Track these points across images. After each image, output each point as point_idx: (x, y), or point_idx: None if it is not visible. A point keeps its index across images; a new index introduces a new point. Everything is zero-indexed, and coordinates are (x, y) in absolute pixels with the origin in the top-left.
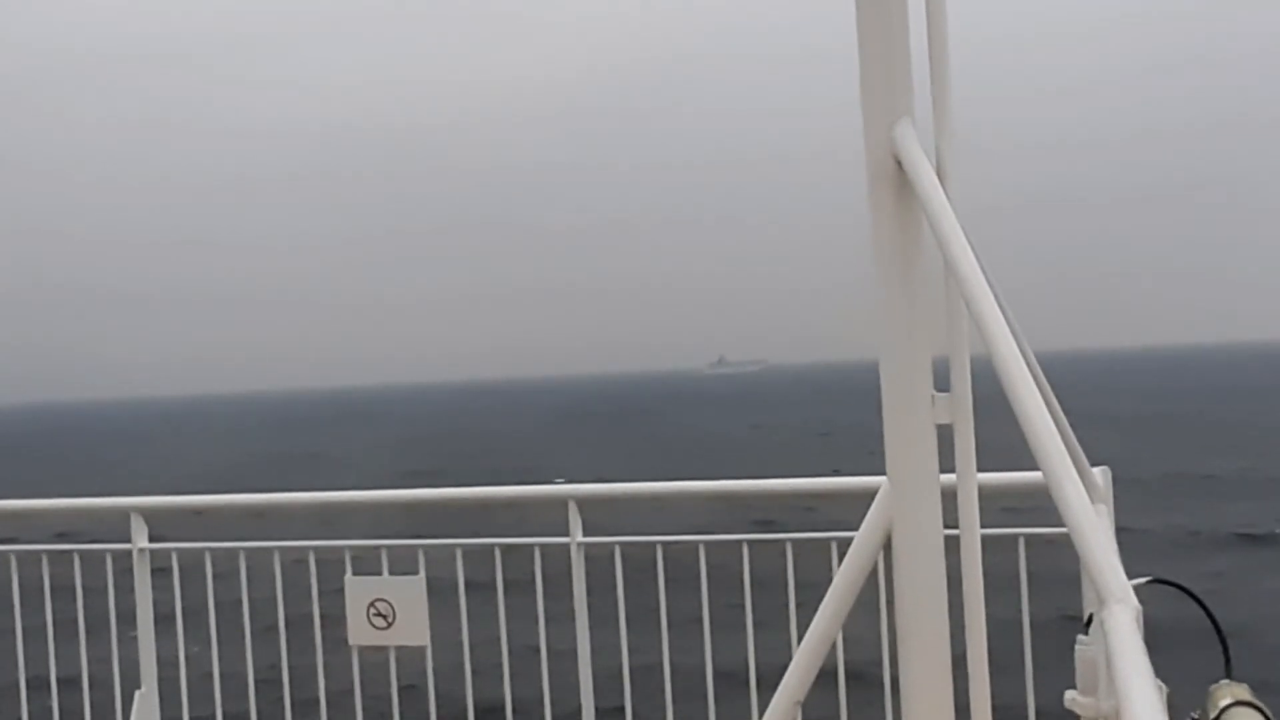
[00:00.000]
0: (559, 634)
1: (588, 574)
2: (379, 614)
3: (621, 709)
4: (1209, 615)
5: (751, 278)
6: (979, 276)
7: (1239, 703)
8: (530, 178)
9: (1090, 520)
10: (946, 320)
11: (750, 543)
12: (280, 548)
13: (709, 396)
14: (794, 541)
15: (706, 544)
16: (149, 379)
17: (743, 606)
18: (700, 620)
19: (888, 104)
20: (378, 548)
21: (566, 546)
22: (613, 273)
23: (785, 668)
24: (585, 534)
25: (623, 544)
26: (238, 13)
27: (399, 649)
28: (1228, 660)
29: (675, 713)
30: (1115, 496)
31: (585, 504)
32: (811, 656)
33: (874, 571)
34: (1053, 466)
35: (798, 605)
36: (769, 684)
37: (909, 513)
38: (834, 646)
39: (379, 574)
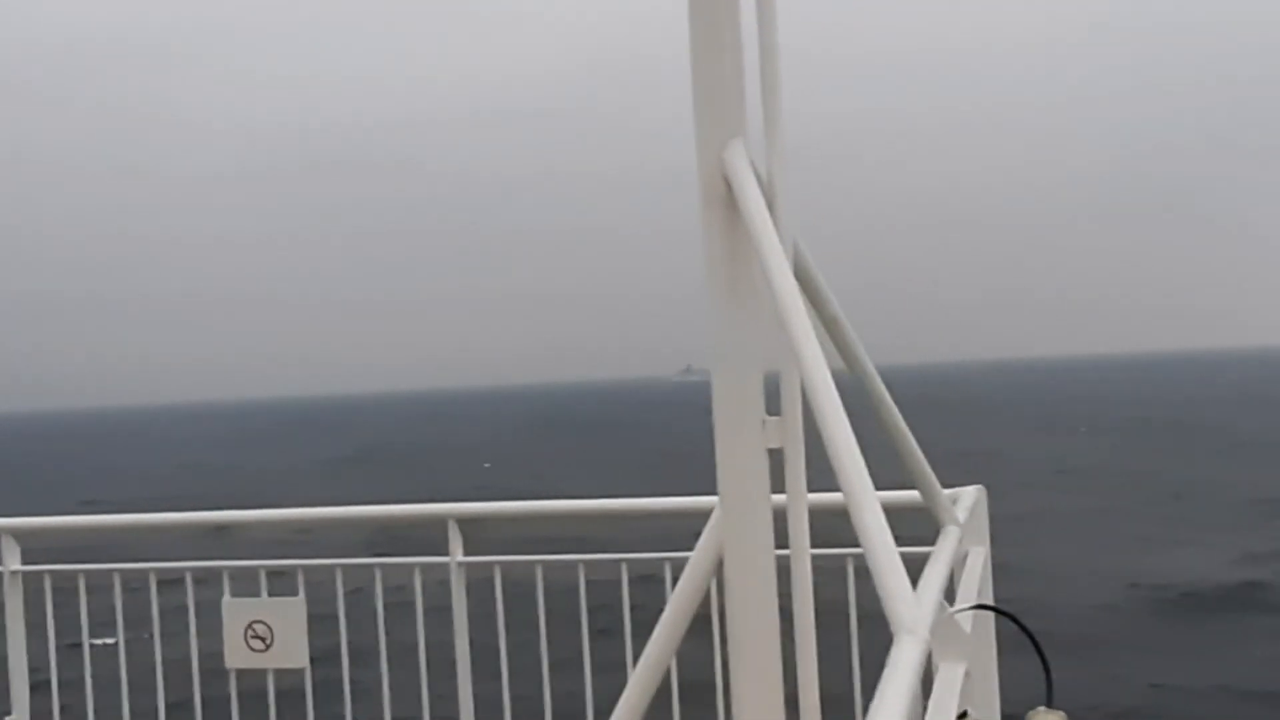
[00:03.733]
0: (442, 654)
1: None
2: (257, 636)
3: None
4: (1033, 642)
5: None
6: (796, 299)
7: None
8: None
9: (885, 549)
10: (777, 343)
11: (586, 563)
12: (156, 569)
13: (677, 404)
14: (629, 562)
15: (587, 563)
16: (102, 388)
17: (600, 628)
18: (580, 641)
19: (719, 124)
20: (256, 568)
21: (447, 565)
22: (580, 280)
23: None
24: (472, 553)
25: (503, 563)
26: (189, 6)
27: (277, 672)
28: (1049, 688)
29: None
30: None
31: (466, 522)
32: (645, 682)
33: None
34: (853, 492)
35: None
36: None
37: (739, 536)
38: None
39: (257, 595)
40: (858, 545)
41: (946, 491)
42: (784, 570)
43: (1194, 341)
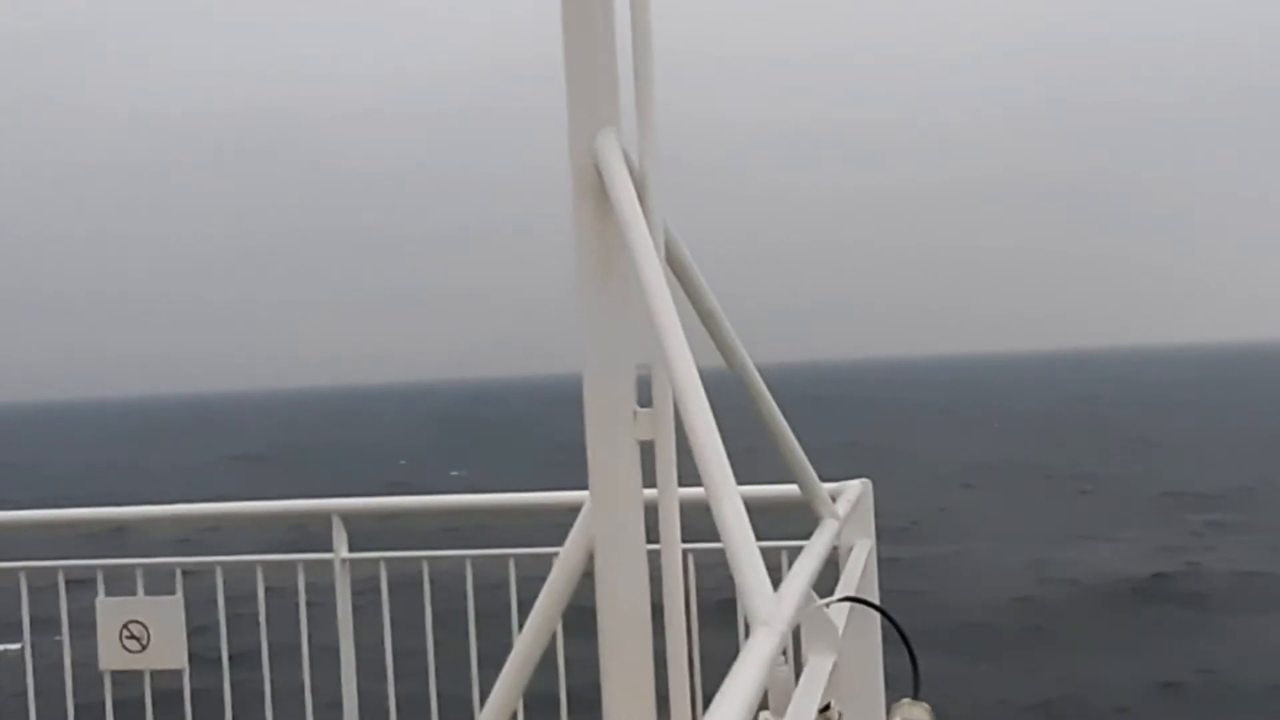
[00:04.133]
0: (326, 654)
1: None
2: (132, 636)
3: None
4: (901, 635)
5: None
6: (664, 289)
7: None
8: (399, 181)
9: (744, 542)
10: (649, 335)
11: (475, 559)
12: (27, 568)
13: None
14: (516, 557)
15: (474, 559)
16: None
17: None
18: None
19: (591, 113)
20: (133, 567)
21: (331, 562)
22: (489, 277)
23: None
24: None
25: (389, 559)
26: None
27: (155, 673)
28: (916, 680)
29: None
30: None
31: (352, 518)
32: (515, 677)
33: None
34: (714, 485)
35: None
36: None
37: (610, 529)
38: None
39: (133, 594)
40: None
41: (831, 486)
42: (657, 564)
43: (1108, 340)
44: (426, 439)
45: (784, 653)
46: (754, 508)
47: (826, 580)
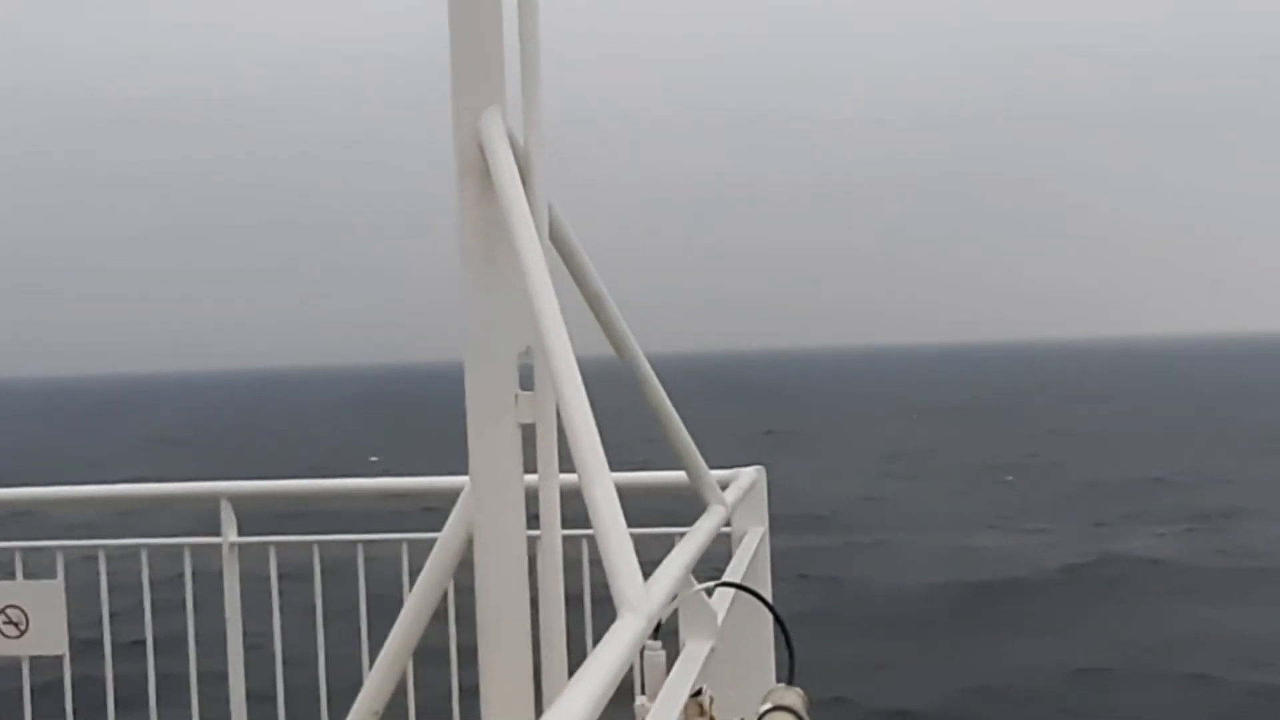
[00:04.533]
0: (213, 640)
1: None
2: (10, 621)
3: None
4: (778, 620)
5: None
6: (543, 270)
7: (777, 708)
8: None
9: (615, 527)
10: (531, 317)
11: (366, 543)
12: None
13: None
14: (410, 542)
15: (366, 543)
16: None
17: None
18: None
19: (475, 92)
20: (10, 550)
21: (219, 547)
22: (425, 259)
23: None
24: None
25: (279, 543)
26: None
27: (34, 660)
28: (792, 666)
29: None
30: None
31: (240, 501)
32: (392, 663)
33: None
34: (587, 469)
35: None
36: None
37: (489, 513)
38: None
39: (12, 578)
40: (638, 525)
41: (724, 473)
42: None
43: (1027, 333)
44: (348, 424)
45: (659, 637)
46: (644, 493)
47: (720, 566)
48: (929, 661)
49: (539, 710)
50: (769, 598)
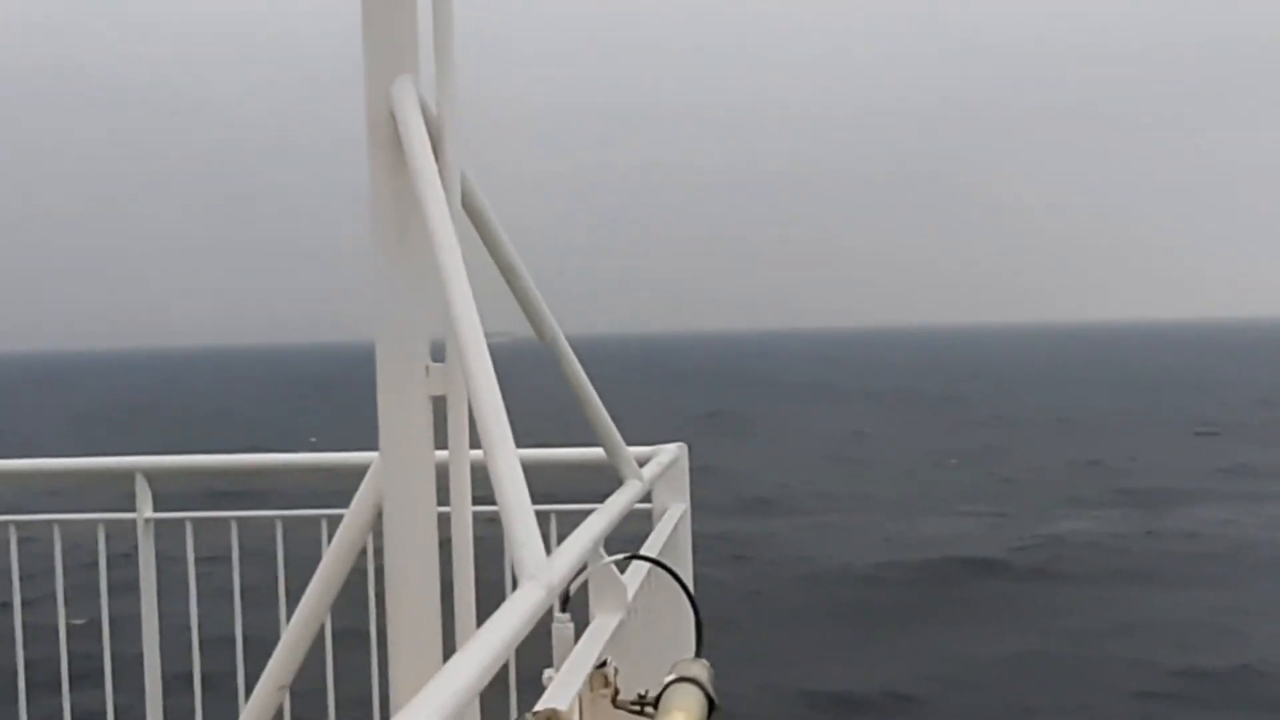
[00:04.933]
0: (129, 618)
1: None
2: None
3: (190, 698)
4: (687, 593)
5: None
6: (452, 240)
7: (681, 679)
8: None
9: (517, 499)
10: (441, 289)
11: (285, 519)
12: None
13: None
14: (329, 518)
15: (285, 519)
16: None
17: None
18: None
19: (388, 60)
20: None
21: (134, 522)
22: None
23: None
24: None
25: (195, 519)
26: None
27: None
28: (699, 638)
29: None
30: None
31: (158, 477)
32: (299, 638)
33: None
34: (491, 444)
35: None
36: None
37: (399, 488)
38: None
39: None
40: (545, 502)
41: (646, 449)
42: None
43: (972, 316)
44: (288, 403)
45: (567, 609)
46: (564, 469)
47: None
48: (855, 643)
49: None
50: (690, 573)
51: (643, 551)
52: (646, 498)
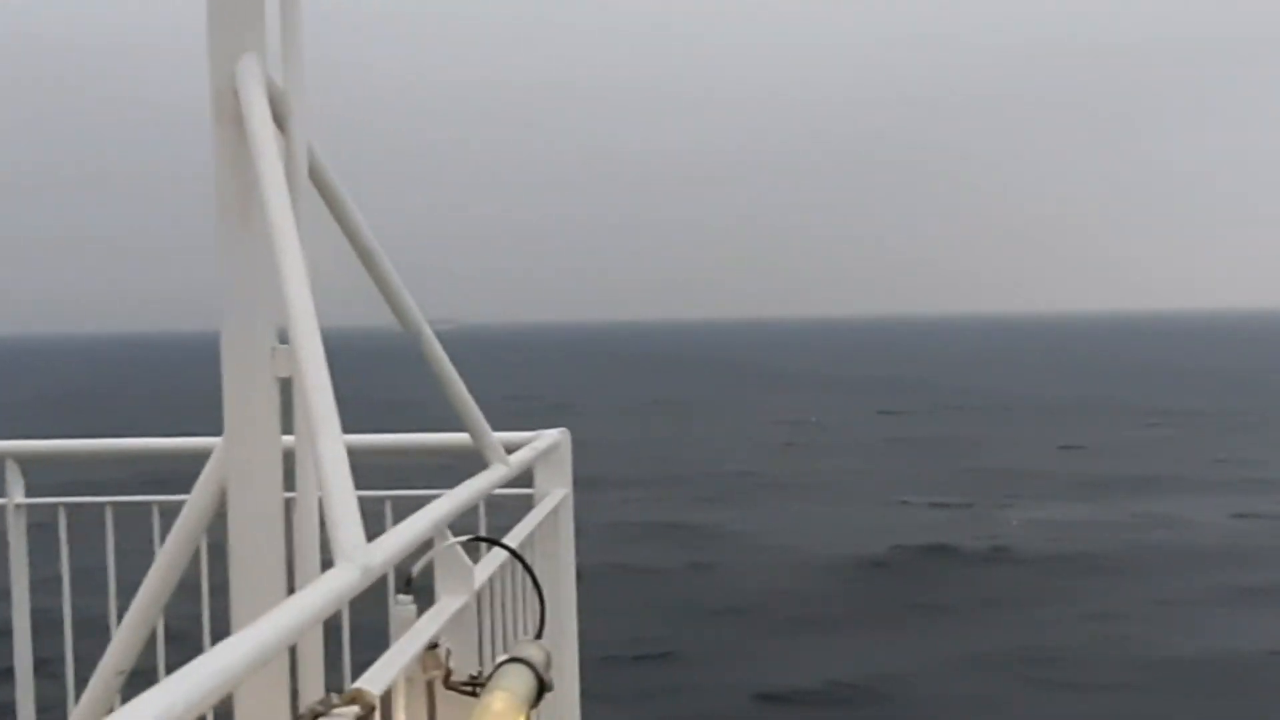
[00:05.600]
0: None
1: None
2: None
3: (63, 688)
4: (532, 578)
5: (443, 235)
6: (289, 221)
7: (513, 659)
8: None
9: (339, 483)
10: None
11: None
12: None
13: (401, 354)
14: (160, 505)
15: (161, 504)
16: None
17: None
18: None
19: (232, 36)
20: None
21: (4, 508)
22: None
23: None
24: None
25: (69, 504)
26: None
27: None
28: (542, 621)
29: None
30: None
31: (31, 462)
32: (137, 623)
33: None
34: (315, 427)
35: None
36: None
37: (244, 471)
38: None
39: None
40: (394, 488)
41: (525, 434)
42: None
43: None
44: (196, 388)
45: (409, 592)
46: (428, 454)
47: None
48: (810, 647)
49: (295, 677)
50: (570, 557)
51: (512, 535)
52: (529, 483)
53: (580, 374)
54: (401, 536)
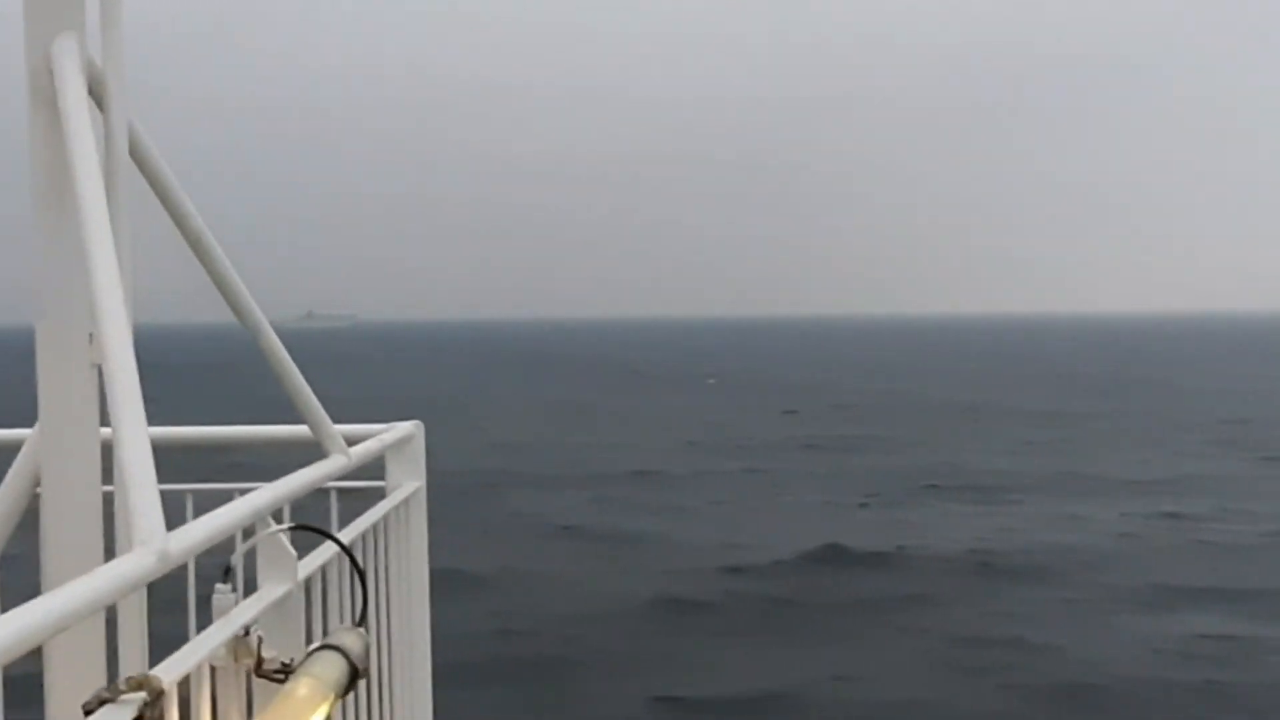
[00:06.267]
0: None
1: None
2: None
3: None
4: (355, 567)
5: (338, 233)
6: (100, 206)
7: (325, 646)
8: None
9: (140, 472)
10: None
11: None
12: None
13: (295, 350)
14: None
15: None
16: None
17: None
18: None
19: (50, 16)
20: None
21: None
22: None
23: None
24: None
25: None
26: None
27: None
28: (364, 610)
29: None
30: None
31: None
32: None
33: None
34: (119, 416)
35: None
36: None
37: (58, 462)
38: None
39: None
40: (202, 481)
41: (377, 426)
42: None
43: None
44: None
45: (229, 580)
46: (270, 446)
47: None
48: (707, 658)
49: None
50: (423, 549)
51: (354, 526)
52: (380, 475)
53: (469, 372)
54: (211, 524)
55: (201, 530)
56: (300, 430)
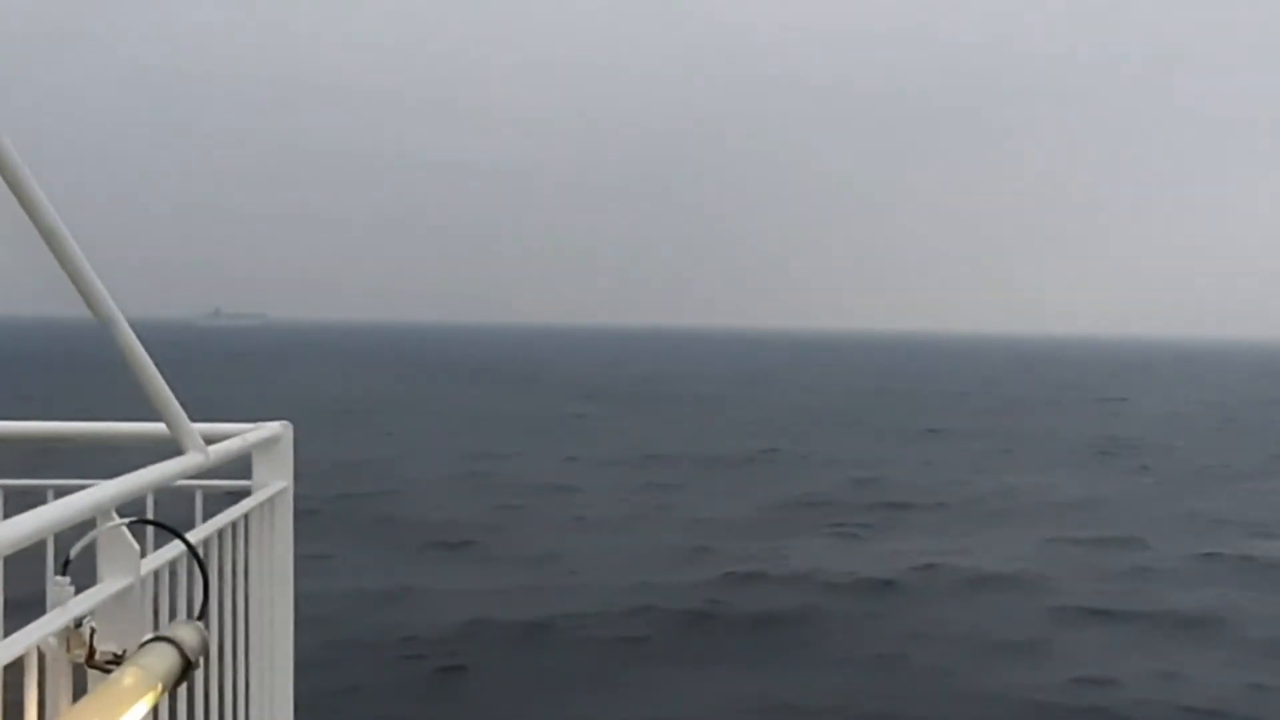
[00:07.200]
0: None
1: None
2: None
3: None
4: (198, 561)
5: (250, 231)
6: None
7: (159, 638)
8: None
9: None
10: None
11: None
12: None
13: (204, 347)
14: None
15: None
16: None
17: None
18: None
19: None
20: None
21: None
22: (104, 214)
23: None
24: None
25: None
26: None
27: None
28: (205, 603)
29: None
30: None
31: None
32: None
33: None
34: None
35: None
36: None
37: None
38: None
39: None
40: (57, 476)
41: (245, 425)
42: None
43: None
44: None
45: (67, 573)
46: (127, 443)
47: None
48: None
49: None
50: (288, 547)
51: (214, 523)
52: (246, 474)
53: (369, 373)
54: (40, 519)
55: (31, 522)
56: (157, 428)
